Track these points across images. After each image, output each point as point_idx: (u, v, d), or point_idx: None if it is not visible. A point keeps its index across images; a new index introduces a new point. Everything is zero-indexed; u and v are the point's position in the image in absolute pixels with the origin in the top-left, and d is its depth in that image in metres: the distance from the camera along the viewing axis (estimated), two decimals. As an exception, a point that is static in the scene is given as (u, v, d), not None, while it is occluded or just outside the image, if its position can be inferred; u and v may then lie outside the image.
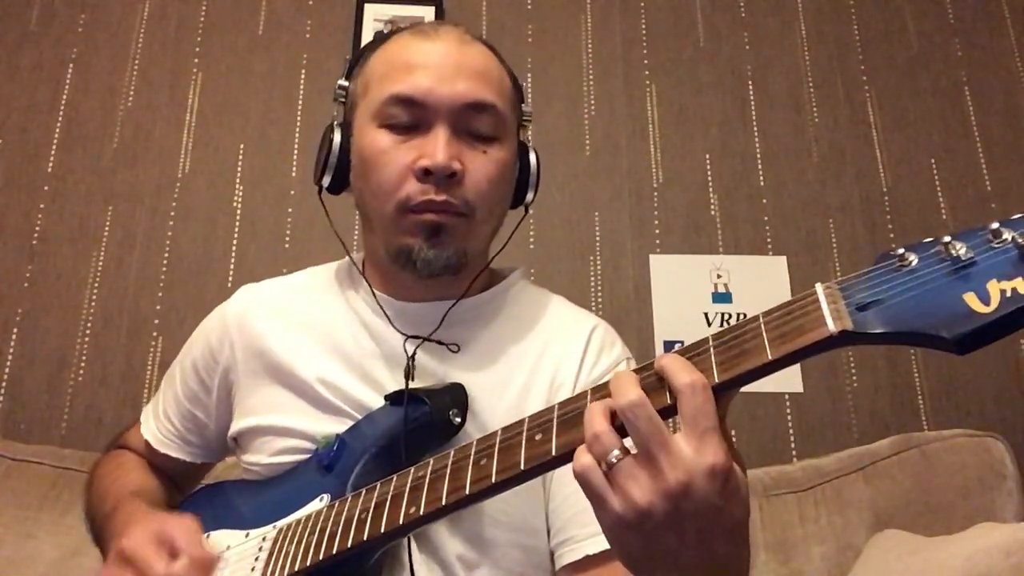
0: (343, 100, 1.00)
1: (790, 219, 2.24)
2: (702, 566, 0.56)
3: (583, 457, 0.57)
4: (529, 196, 1.02)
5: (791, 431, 2.05)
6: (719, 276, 2.16)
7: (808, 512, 1.73)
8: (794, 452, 2.03)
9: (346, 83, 1.00)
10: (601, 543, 0.83)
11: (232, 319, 1.04)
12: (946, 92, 2.37)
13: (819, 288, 0.56)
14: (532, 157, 1.01)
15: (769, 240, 2.22)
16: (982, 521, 1.40)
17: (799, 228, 2.23)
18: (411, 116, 0.90)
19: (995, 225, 0.50)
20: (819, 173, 2.29)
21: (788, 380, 2.08)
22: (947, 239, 0.51)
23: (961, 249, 0.51)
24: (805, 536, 1.70)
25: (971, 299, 0.48)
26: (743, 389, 2.00)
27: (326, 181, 0.97)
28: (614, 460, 0.55)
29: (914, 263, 0.53)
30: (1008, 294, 0.47)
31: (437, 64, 0.91)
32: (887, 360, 2.12)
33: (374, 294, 0.97)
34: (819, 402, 2.07)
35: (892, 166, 2.30)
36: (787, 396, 2.07)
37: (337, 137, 0.96)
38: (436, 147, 0.88)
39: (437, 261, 0.91)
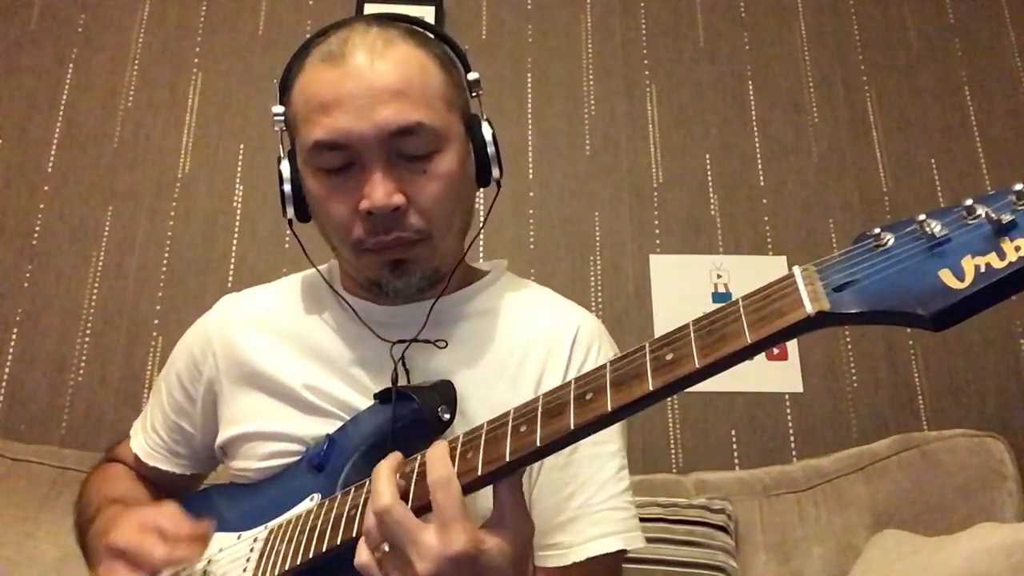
0: (284, 128, 0.96)
1: (790, 219, 2.24)
2: None
3: (361, 550, 0.68)
4: (495, 172, 0.95)
5: (791, 431, 2.05)
6: (719, 276, 2.16)
7: (808, 512, 1.73)
8: (794, 452, 2.03)
9: (281, 109, 0.95)
10: (587, 551, 0.87)
11: (214, 330, 1.04)
12: (946, 92, 2.37)
13: (796, 270, 0.56)
14: (486, 131, 0.94)
15: (769, 240, 2.21)
16: (982, 521, 1.39)
17: (799, 228, 2.23)
18: (341, 158, 0.86)
19: (969, 202, 0.51)
20: (819, 173, 2.29)
21: (788, 380, 2.08)
22: (922, 217, 0.52)
23: (936, 227, 0.51)
24: (805, 536, 1.70)
25: (946, 275, 0.49)
26: (743, 389, 1.99)
27: (290, 214, 0.94)
28: (386, 549, 0.66)
29: (890, 243, 0.53)
30: (982, 269, 0.48)
31: (350, 96, 0.85)
32: (887, 360, 2.12)
33: (351, 306, 0.97)
34: (819, 402, 2.07)
35: (892, 166, 2.30)
36: (787, 396, 2.07)
37: (287, 170, 0.93)
38: (373, 188, 0.85)
39: (408, 288, 0.91)
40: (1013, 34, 2.43)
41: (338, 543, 0.73)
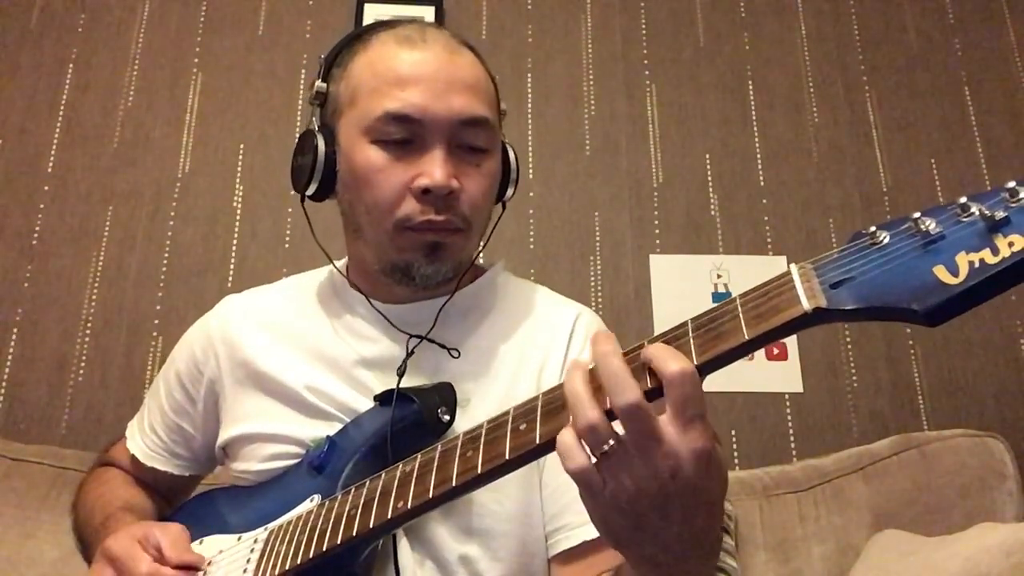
0: (321, 103, 0.96)
1: (790, 219, 2.24)
2: (682, 539, 0.59)
3: (576, 454, 0.58)
4: (509, 192, 1.02)
5: (791, 431, 2.05)
6: (719, 276, 2.17)
7: (808, 512, 1.73)
8: (794, 452, 2.03)
9: (324, 85, 0.96)
10: (593, 530, 0.84)
11: (216, 331, 1.04)
12: (946, 92, 2.37)
13: (793, 268, 0.57)
14: (511, 155, 1.00)
15: (769, 240, 2.21)
16: (982, 521, 1.39)
17: (799, 228, 2.23)
18: (405, 132, 0.88)
19: (962, 200, 0.52)
20: (819, 173, 2.29)
21: (788, 380, 2.08)
22: (916, 215, 0.53)
23: (930, 224, 0.52)
24: (805, 536, 1.70)
25: (940, 272, 0.50)
26: (743, 389, 1.99)
27: (311, 190, 0.94)
28: (606, 449, 0.57)
29: (885, 240, 0.54)
30: (976, 265, 0.49)
31: (429, 78, 0.88)
32: (887, 360, 2.12)
33: (370, 301, 0.97)
34: (819, 402, 2.07)
35: (892, 166, 2.30)
36: (787, 396, 2.07)
37: (322, 145, 0.92)
38: (434, 166, 0.87)
39: (436, 276, 0.92)
40: (1013, 34, 2.43)
41: (338, 543, 0.74)
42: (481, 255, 1.04)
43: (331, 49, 0.98)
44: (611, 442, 0.57)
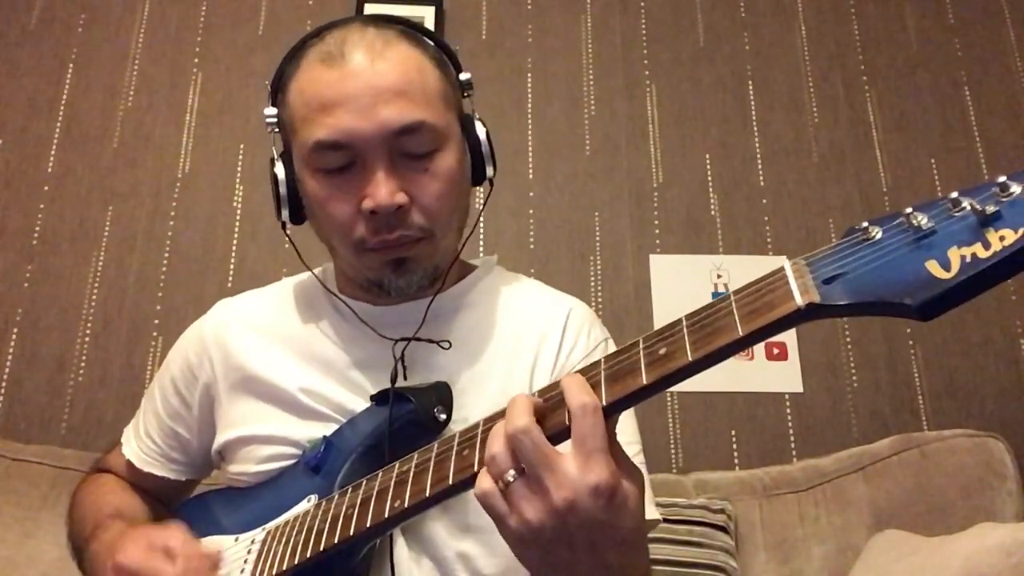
0: (276, 130, 0.96)
1: (790, 219, 2.24)
2: (594, 574, 0.61)
3: (483, 479, 0.62)
4: (489, 171, 0.96)
5: (791, 431, 2.05)
6: (719, 276, 2.16)
7: (808, 512, 1.73)
8: (794, 452, 2.03)
9: (273, 111, 0.95)
10: None
11: (210, 335, 1.04)
12: (946, 92, 2.37)
13: (786, 264, 0.57)
14: (480, 130, 0.95)
15: (769, 240, 2.21)
16: (982, 521, 1.39)
17: (799, 228, 2.23)
18: (342, 159, 0.86)
19: (954, 195, 0.52)
20: (819, 173, 2.29)
21: (788, 380, 2.08)
22: (909, 210, 0.53)
23: (922, 219, 0.52)
24: (805, 536, 1.70)
25: (933, 266, 0.50)
26: (743, 389, 1.98)
27: (285, 216, 0.95)
28: (510, 479, 0.60)
29: (878, 235, 0.54)
30: (968, 259, 0.49)
31: (352, 96, 0.85)
32: (887, 360, 2.12)
33: (350, 306, 0.97)
34: (819, 402, 2.07)
35: (892, 166, 2.30)
36: (787, 396, 2.07)
37: (281, 172, 0.93)
38: (377, 187, 0.85)
39: (409, 286, 0.92)
40: (1013, 34, 2.43)
41: (335, 542, 0.74)
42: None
43: (274, 73, 0.96)
44: (512, 472, 0.60)
